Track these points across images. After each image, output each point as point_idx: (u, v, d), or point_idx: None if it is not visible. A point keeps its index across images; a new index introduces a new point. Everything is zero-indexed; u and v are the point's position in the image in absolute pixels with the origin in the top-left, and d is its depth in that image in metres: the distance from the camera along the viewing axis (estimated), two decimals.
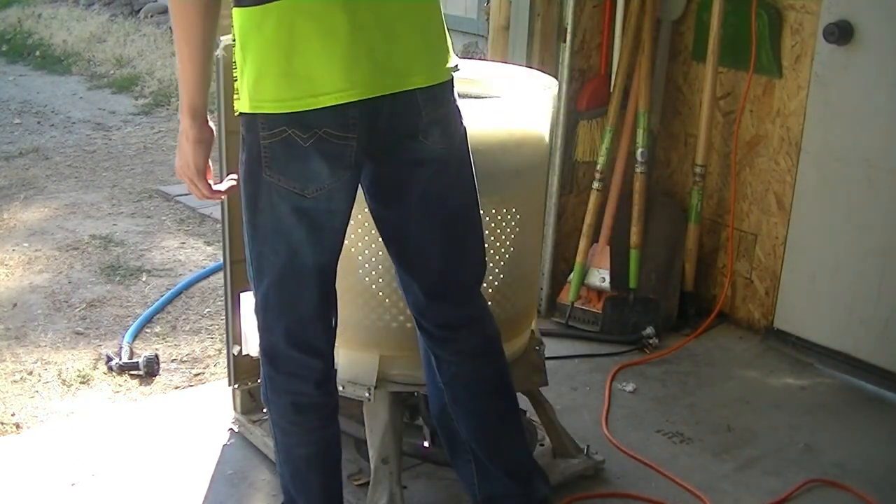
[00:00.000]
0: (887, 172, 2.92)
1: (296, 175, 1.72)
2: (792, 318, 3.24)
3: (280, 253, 1.80)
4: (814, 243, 3.13)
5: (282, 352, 1.89)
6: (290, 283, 1.83)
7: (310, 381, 1.91)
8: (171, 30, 2.17)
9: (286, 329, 1.87)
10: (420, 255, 1.93)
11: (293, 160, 1.70)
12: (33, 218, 4.54)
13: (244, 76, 1.69)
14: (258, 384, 2.61)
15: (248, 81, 1.68)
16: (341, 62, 1.66)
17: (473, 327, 2.01)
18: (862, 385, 3.03)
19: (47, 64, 8.33)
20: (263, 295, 1.86)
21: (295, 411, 1.93)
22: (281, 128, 1.68)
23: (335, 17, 1.65)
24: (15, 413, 2.82)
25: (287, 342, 1.88)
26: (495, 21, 3.36)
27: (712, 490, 2.46)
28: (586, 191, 3.42)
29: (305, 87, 1.66)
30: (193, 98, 1.74)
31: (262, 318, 1.90)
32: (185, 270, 3.94)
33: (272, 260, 1.81)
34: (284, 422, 1.95)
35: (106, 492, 2.39)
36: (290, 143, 1.69)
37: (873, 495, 2.45)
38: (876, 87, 2.90)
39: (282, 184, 1.72)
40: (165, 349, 3.26)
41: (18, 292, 3.68)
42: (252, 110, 1.69)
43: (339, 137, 1.70)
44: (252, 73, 1.67)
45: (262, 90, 1.67)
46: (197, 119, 1.76)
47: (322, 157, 1.70)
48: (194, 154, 1.79)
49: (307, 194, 1.73)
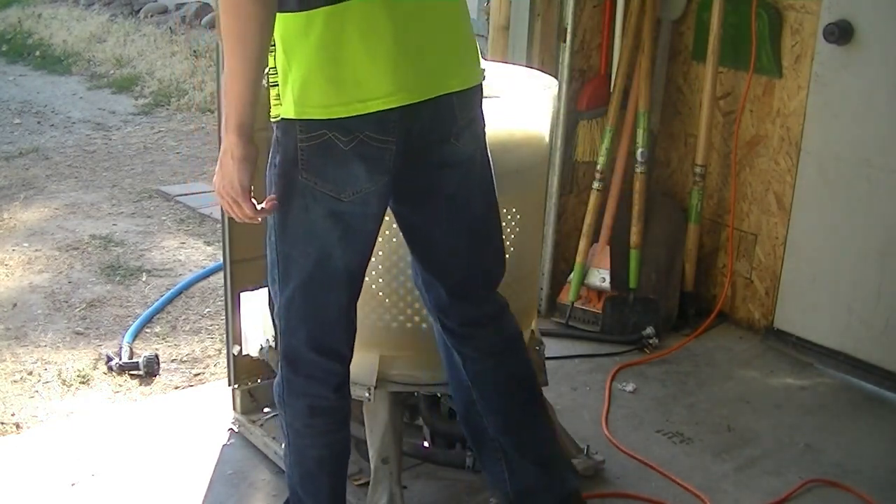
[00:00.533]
0: (887, 172, 2.92)
1: (333, 178, 1.72)
2: (792, 318, 3.24)
3: (310, 256, 1.79)
4: (814, 243, 3.13)
5: (303, 355, 1.88)
6: (318, 287, 1.82)
7: (329, 384, 1.91)
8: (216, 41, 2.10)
9: (309, 333, 1.86)
10: (445, 255, 1.94)
11: (331, 163, 1.70)
12: (33, 218, 4.54)
13: (288, 82, 1.68)
14: (258, 384, 2.62)
15: (293, 87, 1.67)
16: (387, 67, 1.67)
17: (495, 324, 2.04)
18: (862, 385, 3.03)
19: (47, 64, 8.33)
20: (288, 297, 1.84)
21: (311, 414, 1.93)
22: (321, 131, 1.68)
23: (380, 23, 1.66)
24: (15, 413, 2.82)
25: (309, 346, 1.87)
26: (495, 21, 3.36)
27: (712, 490, 2.46)
28: (586, 191, 3.42)
29: (353, 93, 1.66)
30: (242, 115, 1.67)
31: (284, 320, 1.88)
32: (185, 270, 3.94)
33: (301, 263, 1.80)
34: (299, 424, 1.95)
35: (106, 492, 2.39)
36: (329, 147, 1.69)
37: (873, 495, 2.45)
38: (876, 87, 2.90)
39: (318, 187, 1.72)
40: (165, 349, 3.26)
41: (18, 292, 3.68)
42: (298, 116, 1.68)
43: (379, 141, 1.70)
44: (298, 79, 1.66)
45: (308, 96, 1.67)
46: (243, 136, 1.68)
47: (361, 160, 1.71)
48: (239, 173, 1.70)
49: (343, 198, 1.73)
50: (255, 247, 2.51)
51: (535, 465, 2.08)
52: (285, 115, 1.70)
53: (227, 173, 1.71)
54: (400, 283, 2.08)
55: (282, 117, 1.71)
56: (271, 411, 2.62)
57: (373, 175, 1.73)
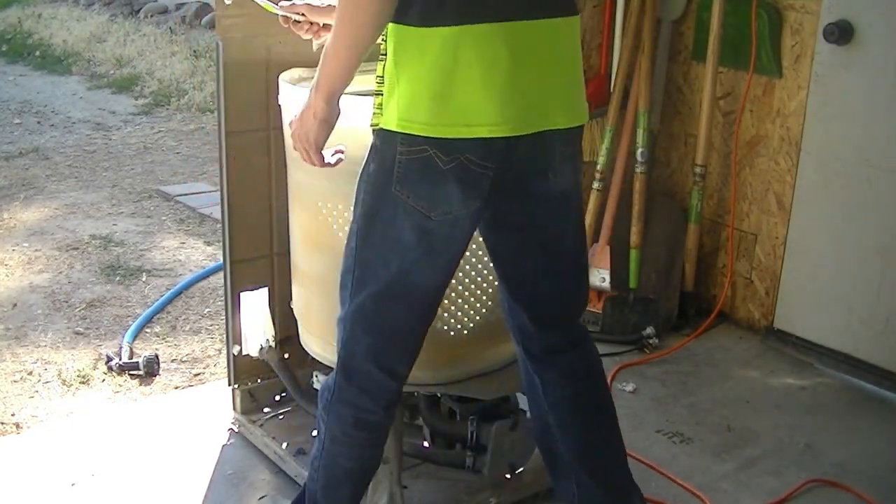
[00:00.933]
0: (887, 172, 2.92)
1: (427, 195, 1.71)
2: (792, 318, 3.24)
3: (390, 268, 1.77)
4: (814, 243, 3.13)
5: (360, 366, 1.86)
6: (392, 299, 1.81)
7: (380, 401, 1.89)
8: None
9: (373, 344, 1.84)
10: (532, 286, 1.94)
11: (427, 180, 1.70)
12: (33, 218, 4.54)
13: (395, 94, 1.68)
14: (258, 384, 2.62)
15: (399, 100, 1.67)
16: (498, 96, 1.66)
17: (577, 351, 2.04)
18: (862, 385, 3.03)
19: (47, 64, 8.33)
20: (359, 304, 1.81)
21: (354, 425, 1.91)
22: (423, 147, 1.67)
23: (498, 50, 1.65)
24: (15, 413, 2.82)
25: (369, 358, 1.85)
26: None
27: (712, 490, 2.46)
28: (586, 191, 3.42)
29: (460, 116, 1.66)
30: (336, 84, 1.70)
31: (349, 326, 1.85)
32: (185, 270, 3.94)
33: (380, 273, 1.78)
34: (338, 431, 1.92)
35: (106, 492, 2.40)
36: (428, 164, 1.68)
37: (873, 495, 2.45)
38: (876, 87, 2.90)
39: (410, 201, 1.71)
40: (165, 349, 3.26)
41: (18, 292, 3.68)
42: (399, 129, 1.68)
43: (478, 166, 1.69)
44: (406, 93, 1.66)
45: (414, 111, 1.66)
46: (331, 102, 1.71)
47: (458, 182, 1.69)
48: (318, 132, 1.74)
49: (434, 216, 1.72)
50: (255, 247, 2.52)
51: (606, 490, 2.08)
52: (386, 125, 1.70)
53: (307, 128, 1.75)
54: None
55: (380, 126, 1.71)
56: (271, 411, 2.63)
57: (466, 199, 1.72)
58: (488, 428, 2.23)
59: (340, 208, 2.07)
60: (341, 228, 2.08)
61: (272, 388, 2.63)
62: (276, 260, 2.54)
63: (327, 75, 1.69)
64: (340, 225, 2.08)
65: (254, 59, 2.37)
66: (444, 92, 1.65)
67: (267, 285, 2.54)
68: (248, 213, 2.48)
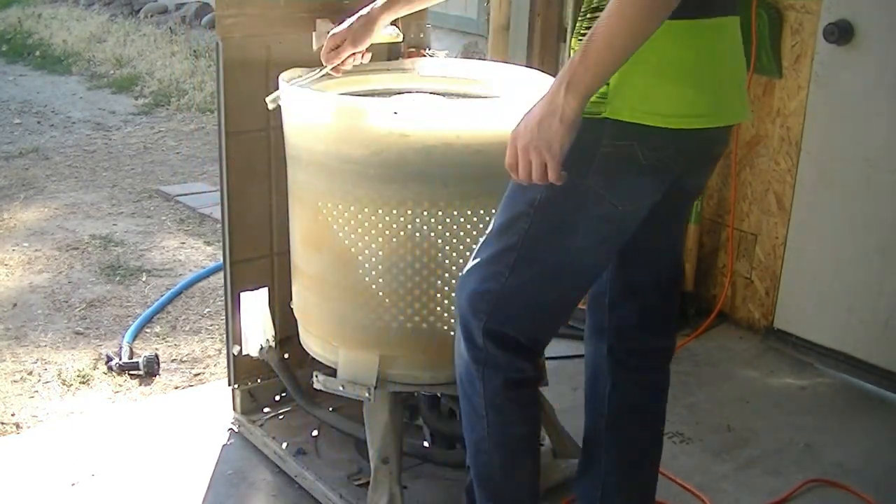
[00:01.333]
0: (887, 172, 2.92)
1: (620, 188, 1.69)
2: (792, 318, 3.24)
3: (565, 252, 1.74)
4: (814, 243, 3.13)
5: (516, 335, 1.83)
6: (558, 279, 1.79)
7: (532, 359, 1.89)
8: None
9: (530, 322, 1.83)
10: (650, 282, 1.95)
11: (627, 175, 1.67)
12: (33, 218, 4.54)
13: (631, 84, 1.62)
14: (258, 384, 2.62)
15: (636, 90, 1.62)
16: (716, 88, 1.68)
17: (661, 363, 2.04)
18: (862, 385, 3.03)
19: (47, 64, 8.33)
20: (522, 282, 1.78)
21: (514, 385, 1.88)
22: (629, 142, 1.63)
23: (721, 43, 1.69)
24: (15, 413, 2.82)
25: (523, 334, 1.83)
26: (495, 21, 3.36)
27: (712, 490, 2.46)
28: None
29: (688, 107, 1.64)
30: (595, 83, 1.56)
31: (506, 300, 1.80)
32: (185, 270, 3.94)
33: (551, 255, 1.75)
34: (500, 400, 1.88)
35: (106, 492, 2.40)
36: (630, 158, 1.64)
37: (873, 495, 2.45)
38: (876, 87, 2.90)
39: (602, 192, 1.68)
40: (165, 349, 3.26)
41: (18, 292, 3.68)
42: (633, 120, 1.62)
43: (673, 161, 1.68)
44: (642, 84, 1.61)
45: (652, 102, 1.62)
46: (584, 103, 1.57)
47: (653, 175, 1.69)
48: (564, 137, 1.58)
49: (620, 207, 1.71)
50: (255, 247, 2.52)
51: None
52: (618, 115, 1.63)
53: (549, 134, 1.58)
54: (400, 283, 2.08)
55: (606, 116, 1.64)
56: (271, 411, 2.63)
57: (654, 191, 1.72)
58: None
59: (340, 208, 2.07)
60: (341, 228, 2.08)
61: (272, 388, 2.63)
62: (276, 260, 2.54)
63: (591, 73, 1.54)
64: (340, 225, 2.08)
65: (254, 59, 2.37)
66: (683, 83, 1.63)
67: (267, 285, 2.54)
68: (248, 213, 2.48)
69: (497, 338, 1.83)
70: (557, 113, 1.56)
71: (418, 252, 2.05)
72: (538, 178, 1.62)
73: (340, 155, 2.03)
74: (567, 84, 1.55)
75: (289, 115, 2.17)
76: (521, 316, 1.82)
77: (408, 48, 2.57)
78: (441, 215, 2.03)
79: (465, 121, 2.00)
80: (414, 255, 2.05)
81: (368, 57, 2.27)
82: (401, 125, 1.97)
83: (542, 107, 1.58)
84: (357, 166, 2.02)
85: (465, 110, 2.06)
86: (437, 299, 2.08)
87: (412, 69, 2.49)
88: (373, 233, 2.04)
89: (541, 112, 1.58)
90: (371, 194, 2.03)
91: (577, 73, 1.54)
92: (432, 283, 2.07)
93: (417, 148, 1.98)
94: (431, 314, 2.10)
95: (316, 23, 2.40)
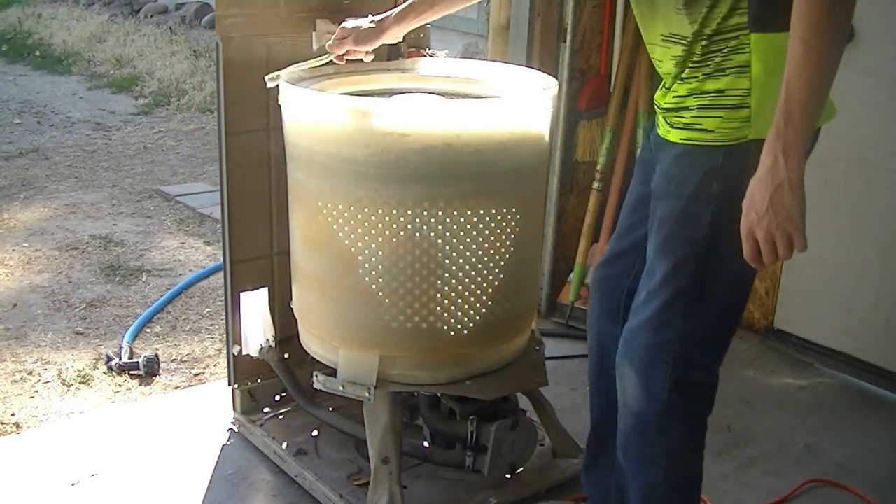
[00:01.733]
0: (887, 172, 2.92)
1: None
2: (792, 318, 3.24)
3: (736, 286, 1.78)
4: (814, 243, 3.11)
5: (698, 379, 1.83)
6: (732, 313, 1.83)
7: (710, 401, 1.89)
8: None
9: (710, 357, 1.84)
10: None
11: None
12: (33, 218, 4.54)
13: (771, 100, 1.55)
14: (258, 384, 2.62)
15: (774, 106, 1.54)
16: None
17: None
18: (862, 385, 3.03)
19: (47, 64, 8.34)
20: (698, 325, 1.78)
21: (696, 432, 1.89)
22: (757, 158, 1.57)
23: None
24: (15, 413, 2.82)
25: (706, 370, 1.84)
26: (495, 21, 3.36)
27: (712, 490, 2.46)
28: (586, 191, 3.42)
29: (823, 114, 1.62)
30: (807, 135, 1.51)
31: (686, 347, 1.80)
32: (185, 270, 3.94)
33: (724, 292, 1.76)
34: (681, 447, 1.89)
35: (106, 492, 2.40)
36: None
37: (873, 495, 2.45)
38: (876, 87, 2.90)
39: None
40: (165, 349, 3.26)
41: (18, 292, 3.68)
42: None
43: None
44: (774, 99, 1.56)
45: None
46: (804, 162, 1.52)
47: None
48: (800, 204, 1.53)
49: None
50: (255, 247, 2.52)
51: None
52: (757, 135, 1.61)
53: (786, 208, 1.52)
54: (400, 283, 2.08)
55: (750, 139, 1.63)
56: (271, 411, 2.63)
57: None
58: (488, 428, 2.23)
59: (340, 208, 2.07)
60: (341, 228, 2.08)
61: (272, 388, 2.63)
62: (276, 260, 2.54)
63: (803, 129, 1.49)
64: (340, 225, 2.08)
65: (254, 59, 2.37)
66: None
67: (267, 285, 2.54)
68: (248, 213, 2.48)
69: (686, 386, 1.82)
70: (785, 184, 1.51)
71: (418, 252, 2.05)
72: (785, 256, 1.58)
73: (340, 155, 2.03)
74: (783, 151, 1.50)
75: (289, 115, 2.17)
76: (707, 356, 1.83)
77: (408, 48, 2.57)
78: (441, 215, 2.02)
79: (465, 121, 2.00)
80: (414, 255, 2.05)
81: (370, 57, 2.28)
82: (401, 125, 1.97)
83: (766, 186, 1.53)
84: (357, 166, 2.02)
85: (465, 110, 2.06)
86: (437, 299, 2.08)
87: (412, 69, 2.49)
88: (373, 233, 2.04)
89: (767, 191, 1.53)
90: (371, 194, 2.03)
91: (789, 136, 1.50)
92: (432, 283, 2.07)
93: (417, 148, 1.98)
94: (431, 314, 2.09)
95: (316, 23, 2.40)
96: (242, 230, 2.48)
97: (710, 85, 1.66)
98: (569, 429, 2.51)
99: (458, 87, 2.43)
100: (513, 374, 2.26)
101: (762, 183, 1.52)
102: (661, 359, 1.80)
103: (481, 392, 2.20)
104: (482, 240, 2.08)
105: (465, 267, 2.09)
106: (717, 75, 1.66)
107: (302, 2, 2.40)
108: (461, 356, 2.18)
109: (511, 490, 2.34)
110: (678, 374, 1.80)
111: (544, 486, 2.38)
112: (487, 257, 2.10)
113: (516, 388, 2.31)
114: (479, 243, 2.08)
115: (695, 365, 1.81)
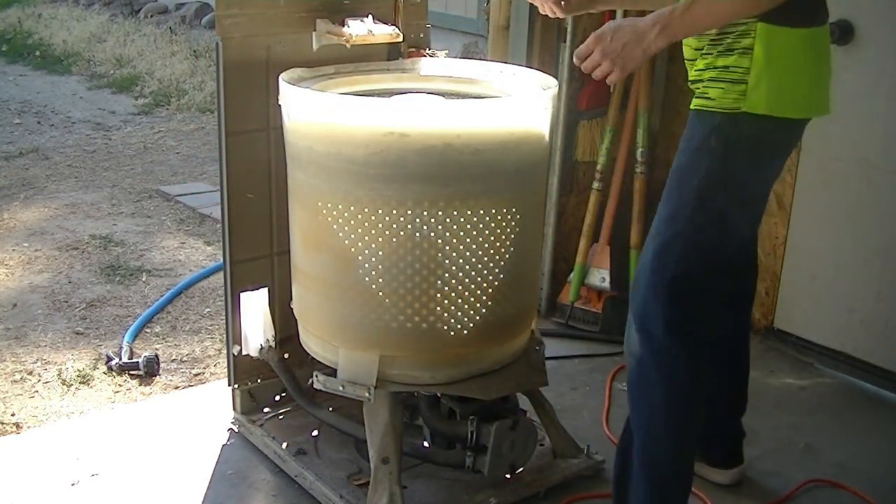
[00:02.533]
0: (887, 172, 2.92)
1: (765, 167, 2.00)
2: (792, 318, 3.24)
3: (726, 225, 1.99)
4: (814, 243, 3.13)
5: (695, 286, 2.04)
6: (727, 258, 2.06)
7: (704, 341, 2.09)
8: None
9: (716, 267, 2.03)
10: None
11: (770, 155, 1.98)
12: (33, 218, 4.54)
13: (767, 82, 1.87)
14: (258, 384, 2.62)
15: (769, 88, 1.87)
16: (827, 83, 2.02)
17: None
18: (862, 385, 3.03)
19: (47, 64, 8.34)
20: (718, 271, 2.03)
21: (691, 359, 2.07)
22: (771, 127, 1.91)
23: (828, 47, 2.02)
24: (15, 413, 2.82)
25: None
26: (495, 21, 3.36)
27: (712, 490, 2.46)
28: (586, 191, 3.42)
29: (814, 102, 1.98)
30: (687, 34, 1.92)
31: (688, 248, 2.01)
32: (185, 270, 3.94)
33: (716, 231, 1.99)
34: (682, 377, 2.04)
35: (106, 492, 2.40)
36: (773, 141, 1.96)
37: (873, 495, 2.45)
38: (876, 87, 2.90)
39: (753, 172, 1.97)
40: (165, 349, 3.26)
41: (18, 292, 3.68)
42: (769, 113, 1.89)
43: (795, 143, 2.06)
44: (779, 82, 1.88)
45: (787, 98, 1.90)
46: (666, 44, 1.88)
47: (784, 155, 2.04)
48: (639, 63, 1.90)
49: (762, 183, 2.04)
50: (255, 247, 2.52)
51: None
52: (752, 109, 1.88)
53: (629, 53, 1.87)
54: (400, 283, 2.08)
55: (744, 111, 1.89)
56: (271, 411, 2.63)
57: (781, 168, 2.09)
58: (488, 428, 2.23)
59: (340, 208, 2.07)
60: (341, 228, 2.08)
61: (272, 388, 2.63)
62: (276, 260, 2.54)
63: (685, 28, 1.86)
64: (340, 225, 2.08)
65: (254, 59, 2.37)
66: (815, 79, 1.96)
67: (267, 285, 2.54)
68: (248, 213, 2.48)
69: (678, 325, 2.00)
70: (643, 45, 1.86)
71: (418, 252, 2.05)
72: (598, 77, 1.91)
73: (340, 155, 2.04)
74: (662, 27, 1.84)
75: (289, 115, 2.17)
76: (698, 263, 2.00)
77: (408, 48, 2.57)
78: (441, 215, 2.03)
79: (465, 121, 2.00)
80: (414, 255, 2.05)
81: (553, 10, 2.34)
82: (401, 125, 1.97)
83: (633, 33, 1.86)
84: (357, 166, 2.02)
85: (465, 110, 2.06)
86: (437, 299, 2.08)
87: (412, 69, 2.49)
88: (373, 233, 2.04)
89: (630, 37, 1.86)
90: (371, 194, 2.03)
91: (674, 22, 1.84)
92: (432, 283, 2.07)
93: (417, 148, 1.98)
94: (431, 314, 2.10)
95: (316, 23, 2.40)
96: (242, 230, 2.48)
97: (721, 61, 1.91)
98: (569, 429, 2.51)
99: (459, 87, 2.43)
100: (513, 373, 2.26)
101: (631, 30, 1.86)
102: (660, 296, 1.99)
103: (481, 392, 2.20)
104: (482, 240, 2.08)
105: (465, 267, 2.09)
106: (727, 53, 1.90)
107: (302, 2, 2.40)
108: (461, 356, 2.18)
109: (511, 490, 2.34)
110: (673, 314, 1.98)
111: (544, 486, 2.38)
112: (487, 257, 2.10)
113: (516, 388, 2.31)
114: (479, 243, 2.08)
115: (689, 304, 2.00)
